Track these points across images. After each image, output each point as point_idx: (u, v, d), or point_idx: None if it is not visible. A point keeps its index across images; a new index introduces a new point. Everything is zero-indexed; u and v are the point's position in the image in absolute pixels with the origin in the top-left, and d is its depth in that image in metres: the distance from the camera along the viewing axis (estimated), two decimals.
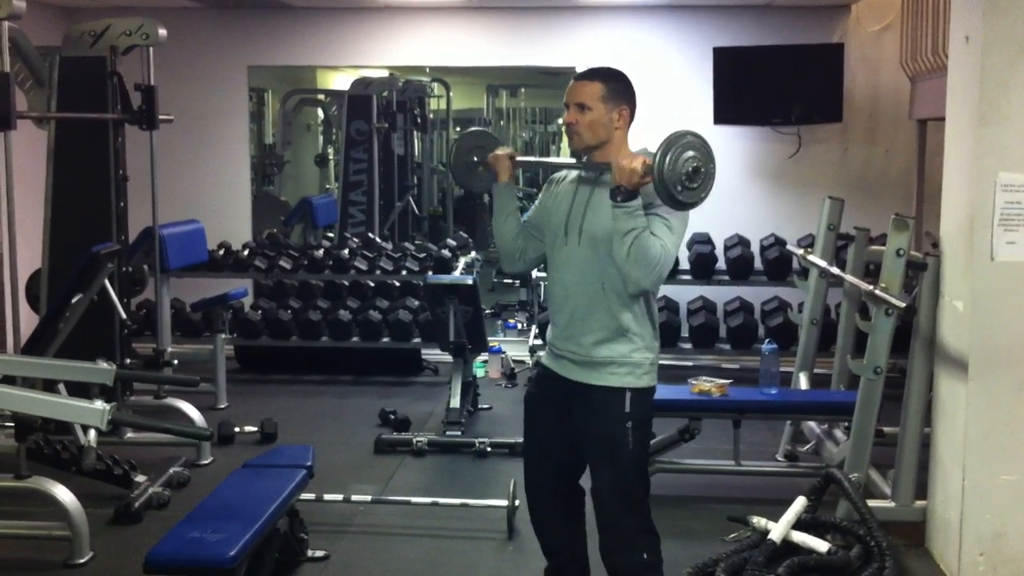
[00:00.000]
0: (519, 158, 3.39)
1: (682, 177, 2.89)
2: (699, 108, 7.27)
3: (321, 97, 11.33)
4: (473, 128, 3.52)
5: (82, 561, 4.18)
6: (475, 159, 3.49)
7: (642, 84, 3.27)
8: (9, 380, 4.12)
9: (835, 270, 5.24)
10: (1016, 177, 3.87)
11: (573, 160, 3.35)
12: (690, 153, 2.90)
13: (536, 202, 3.43)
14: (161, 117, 5.57)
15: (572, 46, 7.73)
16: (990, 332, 3.93)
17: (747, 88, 7.30)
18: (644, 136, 3.26)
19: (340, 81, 10.74)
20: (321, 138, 11.66)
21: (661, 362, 3.30)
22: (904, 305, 4.13)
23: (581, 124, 3.19)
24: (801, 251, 5.56)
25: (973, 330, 3.94)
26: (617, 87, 3.22)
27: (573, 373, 3.25)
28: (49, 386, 4.28)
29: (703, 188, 2.94)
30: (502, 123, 14.77)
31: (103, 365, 4.14)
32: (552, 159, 3.47)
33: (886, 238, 4.30)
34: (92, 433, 3.53)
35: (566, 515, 3.41)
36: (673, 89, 7.50)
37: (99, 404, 3.50)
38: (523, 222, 3.42)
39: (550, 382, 3.33)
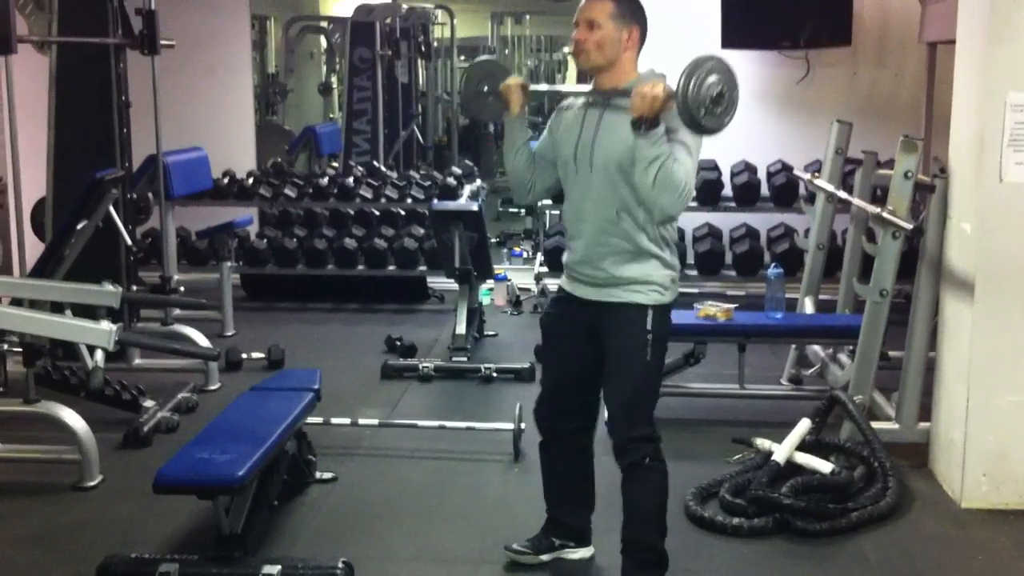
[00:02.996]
0: (531, 87, 3.35)
1: (706, 101, 2.88)
2: (707, 32, 7.16)
3: (324, 24, 11.23)
4: (483, 57, 3.46)
5: (92, 484, 4.20)
6: (485, 88, 3.44)
7: (649, 6, 3.23)
8: (16, 304, 4.13)
9: (842, 194, 5.21)
10: None
11: (587, 88, 3.30)
12: (714, 78, 2.88)
13: (544, 131, 3.40)
14: (163, 42, 5.53)
15: None
16: (997, 253, 3.91)
17: (755, 10, 7.18)
18: (652, 62, 3.21)
19: (342, 7, 10.65)
20: (324, 66, 11.59)
21: None
22: (911, 227, 4.12)
23: (589, 42, 3.15)
24: (808, 176, 5.53)
25: (980, 251, 3.92)
26: (629, 7, 3.18)
27: (593, 295, 3.25)
28: (56, 310, 4.28)
29: (727, 113, 2.93)
30: (507, 51, 14.65)
31: (109, 287, 4.14)
32: (565, 87, 3.42)
33: (894, 162, 4.26)
34: (99, 354, 3.56)
35: (580, 424, 3.45)
36: (681, 12, 7.37)
37: (106, 325, 3.52)
38: (533, 153, 3.39)
39: (569, 305, 3.34)
